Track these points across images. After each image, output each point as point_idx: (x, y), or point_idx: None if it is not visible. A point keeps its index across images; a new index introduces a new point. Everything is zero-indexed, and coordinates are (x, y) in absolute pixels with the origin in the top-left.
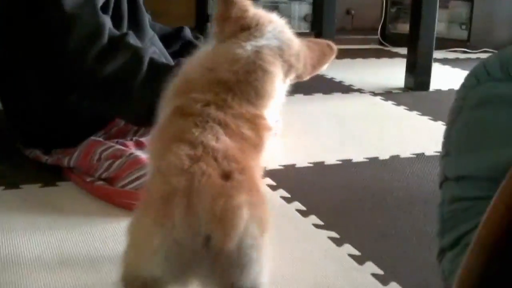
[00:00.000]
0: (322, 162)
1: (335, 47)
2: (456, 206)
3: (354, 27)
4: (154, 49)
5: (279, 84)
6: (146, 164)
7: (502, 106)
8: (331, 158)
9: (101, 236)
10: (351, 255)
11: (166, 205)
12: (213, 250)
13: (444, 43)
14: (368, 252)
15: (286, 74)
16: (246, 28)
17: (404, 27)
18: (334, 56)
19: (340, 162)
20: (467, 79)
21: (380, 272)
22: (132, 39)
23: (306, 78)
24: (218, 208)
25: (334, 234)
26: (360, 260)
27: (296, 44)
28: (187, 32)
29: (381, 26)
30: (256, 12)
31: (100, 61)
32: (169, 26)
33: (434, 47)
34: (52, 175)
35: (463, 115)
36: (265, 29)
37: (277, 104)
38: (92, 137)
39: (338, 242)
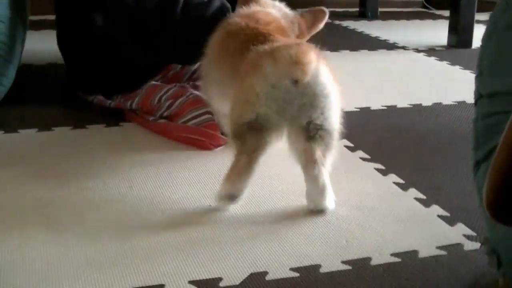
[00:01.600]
0: (368, 108)
1: (327, 11)
2: (489, 121)
3: None
4: None
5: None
6: (206, 103)
7: None
8: (376, 104)
9: (164, 168)
10: (395, 183)
11: (258, 64)
12: (300, 88)
13: (487, 6)
14: (411, 181)
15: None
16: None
17: None
18: (326, 17)
19: (385, 108)
20: (498, 4)
21: (423, 197)
22: None
23: (307, 36)
24: (293, 52)
25: (379, 166)
26: (404, 187)
27: (291, 15)
28: None
29: None
30: None
31: None
32: None
33: (476, 5)
34: (115, 117)
35: (495, 37)
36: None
37: None
38: (152, 82)
39: (383, 172)
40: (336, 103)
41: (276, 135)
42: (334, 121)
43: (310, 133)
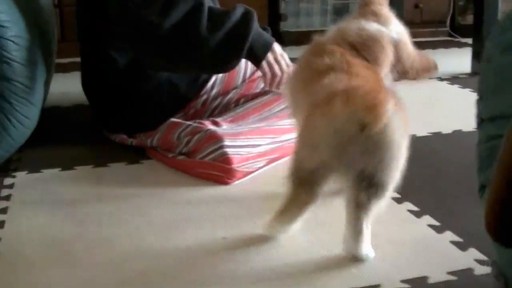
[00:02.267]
0: None
1: (438, 65)
2: (491, 144)
3: (423, 20)
4: None
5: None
6: (223, 139)
7: None
8: None
9: (181, 202)
10: (410, 210)
11: (328, 103)
12: (366, 134)
13: None
14: (426, 208)
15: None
16: (375, 15)
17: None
18: (436, 71)
19: None
20: (494, 29)
21: (436, 223)
22: None
23: (411, 78)
24: (370, 99)
25: (395, 195)
26: (418, 214)
27: (409, 48)
28: None
29: (450, 18)
30: (387, 11)
31: (163, 12)
32: None
33: None
34: (136, 155)
35: (493, 61)
36: (389, 22)
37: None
38: (172, 119)
39: (398, 200)
40: (399, 158)
41: (327, 185)
42: (392, 175)
43: (362, 182)
